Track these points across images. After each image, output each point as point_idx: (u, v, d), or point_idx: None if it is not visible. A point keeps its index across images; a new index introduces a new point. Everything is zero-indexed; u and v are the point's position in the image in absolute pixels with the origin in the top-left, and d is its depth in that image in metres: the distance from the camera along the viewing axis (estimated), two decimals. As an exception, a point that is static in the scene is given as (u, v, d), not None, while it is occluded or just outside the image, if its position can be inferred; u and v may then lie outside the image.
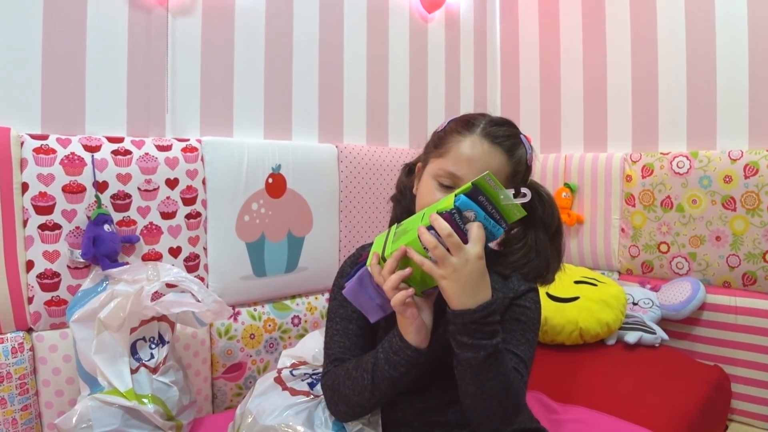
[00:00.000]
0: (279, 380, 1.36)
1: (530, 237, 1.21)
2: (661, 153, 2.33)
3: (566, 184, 2.58)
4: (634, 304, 2.22)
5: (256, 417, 1.24)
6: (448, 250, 0.93)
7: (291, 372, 1.40)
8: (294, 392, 1.28)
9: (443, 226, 0.92)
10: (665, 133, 2.40)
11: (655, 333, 2.09)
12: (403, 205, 1.31)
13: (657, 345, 2.09)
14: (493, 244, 1.26)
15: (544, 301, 2.08)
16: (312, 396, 1.26)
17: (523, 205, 0.99)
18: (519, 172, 1.15)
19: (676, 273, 2.30)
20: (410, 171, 1.32)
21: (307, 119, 2.17)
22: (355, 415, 1.16)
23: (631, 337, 2.06)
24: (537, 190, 1.23)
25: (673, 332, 2.23)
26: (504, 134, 1.14)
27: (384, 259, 1.00)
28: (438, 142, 1.19)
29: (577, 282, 2.18)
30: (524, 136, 1.20)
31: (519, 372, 1.08)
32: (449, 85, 2.72)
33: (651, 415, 1.64)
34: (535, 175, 2.71)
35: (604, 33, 2.57)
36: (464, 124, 1.17)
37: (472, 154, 1.12)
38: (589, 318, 2.02)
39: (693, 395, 1.79)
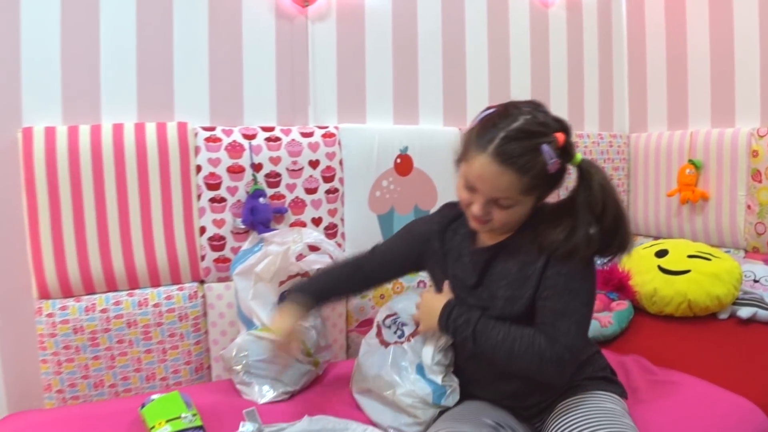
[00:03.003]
0: (378, 333, 1.63)
1: (567, 221, 1.26)
2: (790, 126, 2.29)
3: (690, 161, 2.59)
4: (755, 281, 2.20)
5: (361, 363, 1.59)
6: None
7: (384, 322, 1.66)
8: (385, 343, 1.57)
9: None
10: (795, 105, 2.35)
11: (772, 310, 2.05)
12: None
13: (774, 322, 2.04)
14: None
15: (654, 272, 2.15)
16: (397, 343, 1.54)
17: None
18: (536, 186, 1.23)
19: (805, 251, 2.25)
20: None
21: (433, 105, 2.41)
22: None
23: (745, 312, 2.04)
24: (587, 173, 1.26)
25: (798, 312, 2.18)
26: (518, 153, 1.19)
27: None
28: (464, 146, 1.29)
29: (690, 256, 2.19)
30: (549, 141, 1.21)
31: (543, 331, 1.25)
32: (572, 66, 2.82)
33: (753, 387, 1.65)
34: (661, 152, 2.75)
35: (731, 5, 2.54)
36: (483, 135, 1.23)
37: (481, 173, 1.21)
38: (698, 290, 2.04)
39: (804, 374, 1.76)
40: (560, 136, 1.23)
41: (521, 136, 1.21)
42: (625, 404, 1.40)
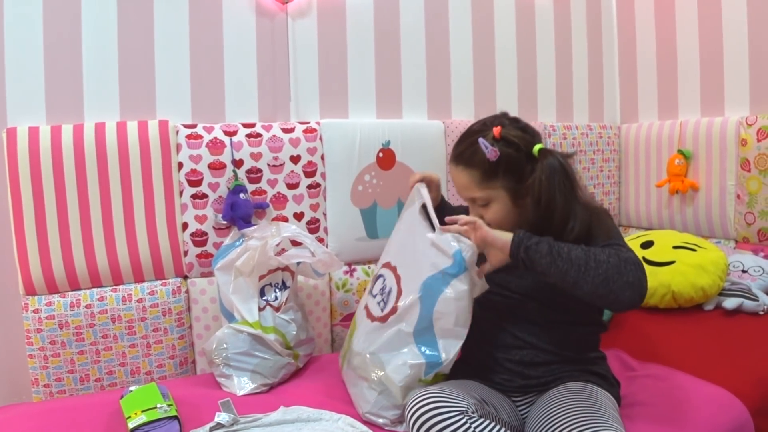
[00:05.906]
0: (366, 307, 1.63)
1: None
2: (777, 115, 2.26)
3: (680, 151, 2.58)
4: (744, 271, 2.18)
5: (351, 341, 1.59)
6: None
7: (371, 292, 1.63)
8: (371, 317, 1.56)
9: None
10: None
11: (758, 300, 2.03)
12: None
13: (761, 313, 2.01)
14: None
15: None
16: (378, 319, 1.53)
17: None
18: (486, 171, 1.40)
19: (794, 240, 2.22)
20: None
21: (417, 100, 2.43)
22: None
23: (730, 303, 2.02)
24: (542, 160, 1.37)
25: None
26: (460, 152, 1.45)
27: None
28: None
29: (676, 247, 2.18)
30: (486, 137, 1.38)
31: (615, 247, 1.29)
32: (560, 57, 2.80)
33: (733, 377, 1.64)
34: (651, 143, 2.73)
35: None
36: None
37: (453, 179, 1.50)
38: (682, 282, 2.03)
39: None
40: (496, 130, 1.40)
41: (463, 137, 1.48)
42: (617, 407, 1.40)
